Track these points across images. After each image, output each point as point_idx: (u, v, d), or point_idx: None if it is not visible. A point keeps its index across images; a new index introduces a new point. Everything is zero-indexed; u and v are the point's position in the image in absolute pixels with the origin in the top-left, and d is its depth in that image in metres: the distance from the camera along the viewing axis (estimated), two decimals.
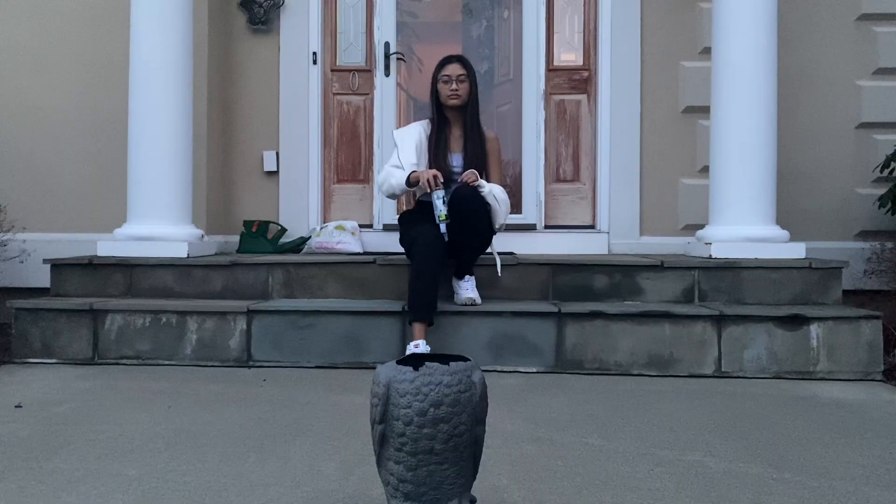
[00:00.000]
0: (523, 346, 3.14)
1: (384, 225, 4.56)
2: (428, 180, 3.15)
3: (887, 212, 3.98)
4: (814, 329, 3.07)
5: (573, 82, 4.56)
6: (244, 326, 3.20)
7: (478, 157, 3.38)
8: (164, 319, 3.22)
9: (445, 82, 3.38)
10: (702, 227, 3.85)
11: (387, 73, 4.59)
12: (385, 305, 3.27)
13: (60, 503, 1.61)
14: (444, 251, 3.15)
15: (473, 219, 3.19)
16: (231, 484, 1.73)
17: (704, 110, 4.12)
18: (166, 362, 3.20)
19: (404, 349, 3.12)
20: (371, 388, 1.33)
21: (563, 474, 1.80)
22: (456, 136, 3.45)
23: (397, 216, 3.57)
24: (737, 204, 3.61)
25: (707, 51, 4.17)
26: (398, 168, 3.34)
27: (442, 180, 3.18)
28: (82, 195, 4.43)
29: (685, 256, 3.81)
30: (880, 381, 3.00)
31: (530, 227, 4.47)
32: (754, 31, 3.64)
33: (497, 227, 3.29)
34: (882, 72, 4.32)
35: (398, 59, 4.63)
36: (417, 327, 3.03)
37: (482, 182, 3.24)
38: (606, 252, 4.40)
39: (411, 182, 3.26)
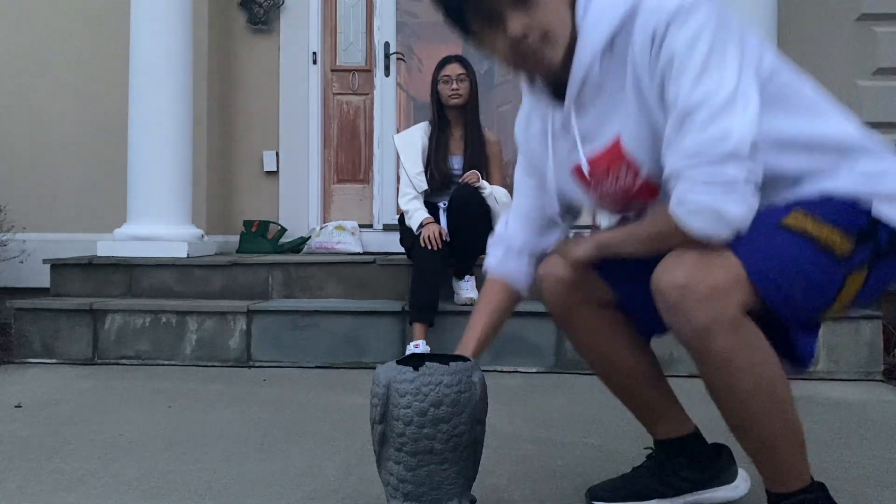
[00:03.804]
0: (523, 346, 3.14)
1: (384, 225, 4.56)
2: (428, 237, 3.13)
3: None
4: None
5: None
6: (244, 326, 3.20)
7: (478, 159, 3.37)
8: (163, 319, 3.22)
9: (446, 82, 3.37)
10: None
11: (387, 73, 4.59)
12: (385, 305, 3.27)
13: (60, 503, 1.61)
14: (446, 251, 3.16)
15: (473, 219, 3.19)
16: (231, 484, 1.73)
17: None
18: (166, 362, 3.20)
19: (404, 349, 3.12)
20: (371, 388, 1.33)
21: (563, 474, 1.80)
22: (456, 138, 3.44)
23: (397, 216, 3.57)
24: None
25: None
26: (418, 199, 3.32)
27: (446, 238, 3.17)
28: (82, 195, 4.44)
29: None
30: (880, 381, 3.00)
31: None
32: (754, 30, 3.64)
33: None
34: (882, 72, 4.32)
35: (398, 59, 4.63)
36: (418, 327, 3.03)
37: (484, 183, 3.24)
38: None
39: (422, 224, 3.24)
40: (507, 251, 1.60)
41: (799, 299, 1.22)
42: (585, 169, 1.37)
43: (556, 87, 1.38)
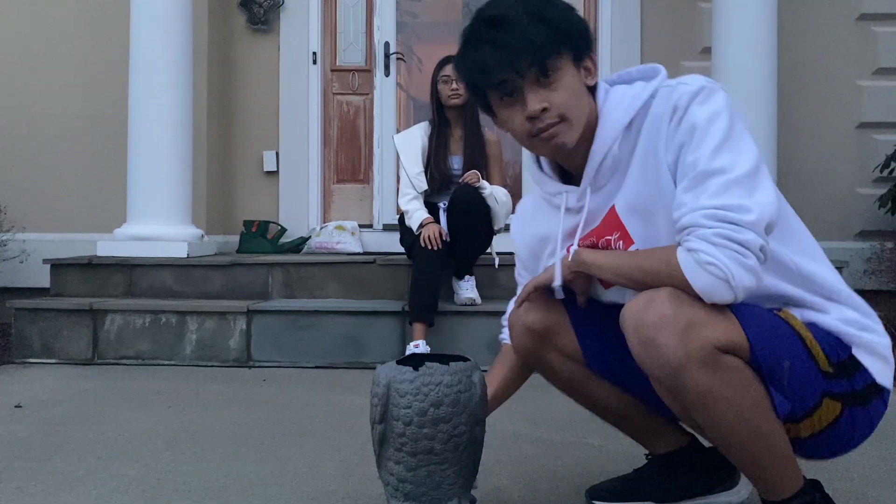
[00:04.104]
0: None
1: (384, 225, 4.56)
2: (428, 237, 3.13)
3: (887, 212, 3.98)
4: None
5: None
6: (244, 326, 3.20)
7: (477, 159, 3.37)
8: (163, 319, 3.22)
9: (445, 82, 3.37)
10: None
11: (387, 73, 4.59)
12: (385, 305, 3.27)
13: (60, 503, 1.61)
14: (446, 251, 3.16)
15: (472, 219, 3.19)
16: (231, 484, 1.72)
17: None
18: (166, 362, 3.20)
19: (404, 349, 3.12)
20: (371, 388, 1.33)
21: (563, 474, 1.80)
22: (456, 138, 3.44)
23: (397, 216, 3.57)
24: None
25: (707, 51, 4.17)
26: (418, 199, 3.31)
27: (446, 238, 3.17)
28: (82, 195, 4.44)
29: None
30: None
31: None
32: (754, 31, 3.64)
33: (497, 228, 3.29)
34: (882, 72, 4.32)
35: (398, 59, 4.63)
36: (417, 327, 3.03)
37: (484, 183, 3.23)
38: None
39: (422, 224, 3.23)
40: None
41: (783, 385, 1.21)
42: (575, 246, 1.36)
43: (564, 172, 1.42)
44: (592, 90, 1.35)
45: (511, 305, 1.62)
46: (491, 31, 1.28)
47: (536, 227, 1.50)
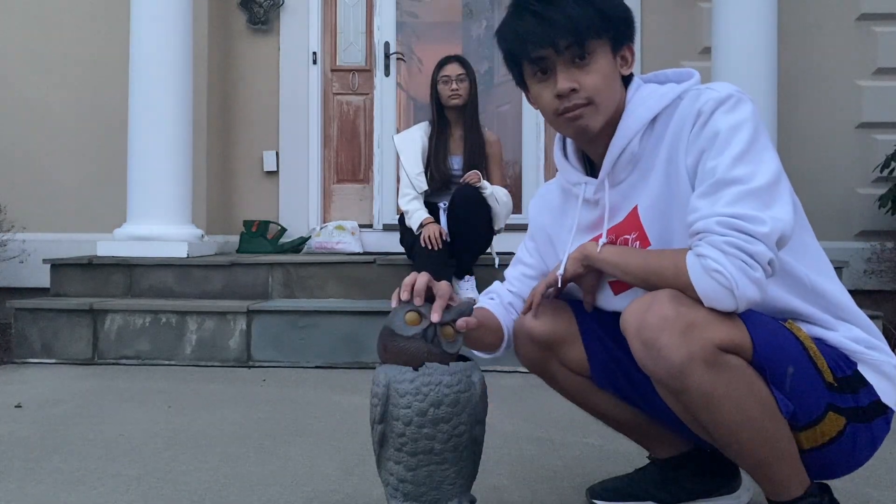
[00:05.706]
0: None
1: (384, 225, 4.56)
2: (428, 237, 3.13)
3: (887, 212, 3.98)
4: None
5: None
6: (244, 326, 3.20)
7: (477, 159, 3.37)
8: (163, 319, 3.22)
9: (445, 83, 3.37)
10: None
11: (387, 73, 4.59)
12: (385, 305, 3.27)
13: (60, 503, 1.61)
14: (446, 251, 3.16)
15: (473, 219, 3.19)
16: (231, 484, 1.72)
17: None
18: (166, 362, 3.20)
19: None
20: (371, 388, 1.33)
21: (563, 474, 1.80)
22: (456, 138, 3.44)
23: (397, 216, 3.57)
24: None
25: (707, 51, 4.17)
26: (418, 199, 3.32)
27: (446, 238, 3.17)
28: (82, 195, 4.44)
29: None
30: None
31: None
32: (754, 31, 3.64)
33: (498, 228, 3.29)
34: (882, 72, 4.32)
35: (398, 59, 4.63)
36: None
37: (485, 183, 3.23)
38: None
39: (422, 224, 3.24)
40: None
41: (785, 390, 1.21)
42: (603, 239, 1.36)
43: (588, 160, 1.42)
44: (626, 82, 1.36)
45: (496, 284, 1.63)
46: (539, 3, 1.28)
47: (554, 210, 1.51)
